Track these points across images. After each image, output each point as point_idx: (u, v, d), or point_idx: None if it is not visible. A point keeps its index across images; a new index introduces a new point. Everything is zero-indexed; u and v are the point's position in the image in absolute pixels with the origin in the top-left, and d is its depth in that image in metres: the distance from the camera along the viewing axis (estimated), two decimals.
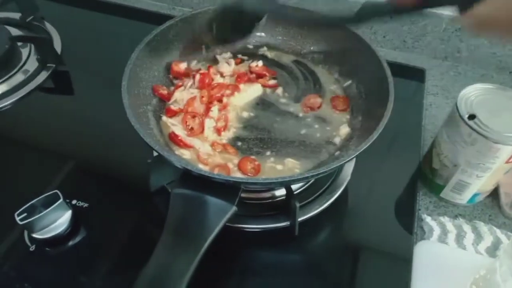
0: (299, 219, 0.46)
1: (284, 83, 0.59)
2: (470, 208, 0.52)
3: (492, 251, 0.47)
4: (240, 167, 0.48)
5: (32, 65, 0.69)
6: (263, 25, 0.62)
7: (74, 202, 0.50)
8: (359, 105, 0.54)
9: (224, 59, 0.61)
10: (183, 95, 0.55)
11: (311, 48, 0.61)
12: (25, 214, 0.44)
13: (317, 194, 0.50)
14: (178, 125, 0.52)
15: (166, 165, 0.47)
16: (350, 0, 0.73)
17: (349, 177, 0.52)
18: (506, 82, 0.69)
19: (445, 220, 0.50)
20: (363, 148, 0.41)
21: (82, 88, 0.69)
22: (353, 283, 0.45)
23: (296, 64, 0.61)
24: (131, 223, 0.50)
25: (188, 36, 0.57)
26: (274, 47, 0.63)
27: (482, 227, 0.49)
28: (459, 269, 0.45)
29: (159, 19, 0.59)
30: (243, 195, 0.44)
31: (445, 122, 0.49)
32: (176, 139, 0.50)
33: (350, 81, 0.57)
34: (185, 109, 0.53)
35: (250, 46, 0.63)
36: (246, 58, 0.62)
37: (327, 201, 0.50)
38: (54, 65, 0.69)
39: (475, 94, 0.47)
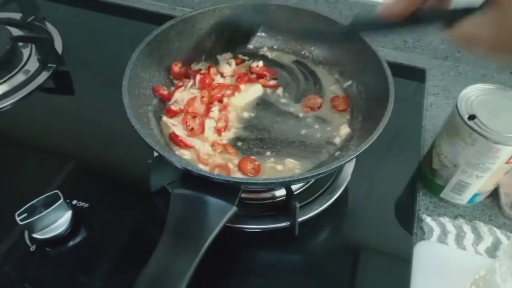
0: (299, 219, 0.46)
1: (284, 83, 0.59)
2: (470, 208, 0.52)
3: (492, 251, 0.47)
4: (240, 167, 0.48)
5: (33, 65, 0.69)
6: (260, 34, 0.62)
7: (74, 202, 0.50)
8: (360, 105, 0.54)
9: (224, 59, 0.61)
10: (183, 95, 0.55)
11: (312, 48, 0.61)
12: (25, 214, 0.44)
13: (317, 194, 0.50)
14: (178, 125, 0.52)
15: (166, 166, 0.47)
16: (350, 0, 0.73)
17: (349, 177, 0.52)
18: (506, 82, 0.69)
19: (445, 220, 0.50)
20: (363, 149, 0.41)
21: (83, 88, 0.69)
22: (353, 283, 0.45)
23: (297, 64, 0.61)
24: (132, 223, 0.50)
25: (189, 43, 0.58)
26: (275, 47, 0.63)
27: (482, 227, 0.49)
28: (459, 269, 0.45)
29: (159, 19, 0.59)
30: (243, 195, 0.44)
31: (445, 122, 0.49)
32: (176, 140, 0.50)
33: (350, 82, 0.57)
34: (185, 110, 0.53)
35: (251, 47, 0.63)
36: (246, 58, 0.62)
37: (327, 201, 0.50)
38: (55, 65, 0.69)
39: (475, 94, 0.47)
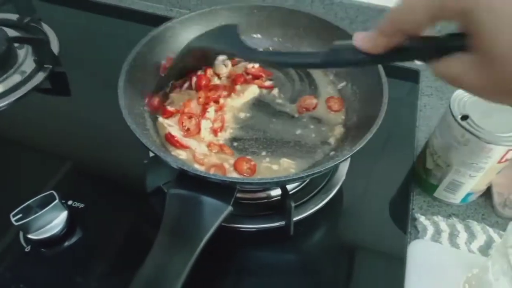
0: (294, 219, 0.47)
1: (280, 84, 0.59)
2: (463, 207, 0.53)
3: (485, 250, 0.47)
4: (236, 167, 0.48)
5: (29, 66, 0.69)
6: (256, 36, 0.63)
7: (70, 202, 0.50)
8: (354, 106, 0.54)
9: (220, 60, 0.61)
10: (179, 96, 0.55)
11: (307, 49, 0.62)
12: (20, 215, 0.44)
13: (312, 194, 0.51)
14: (174, 126, 0.52)
15: (162, 166, 0.47)
16: (345, 2, 0.73)
17: (344, 177, 0.52)
18: None
19: (438, 219, 0.50)
20: (358, 149, 0.42)
21: (79, 89, 0.69)
22: (348, 282, 0.45)
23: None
24: (127, 223, 0.50)
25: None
26: (270, 48, 0.63)
27: (475, 226, 0.50)
28: (452, 268, 0.45)
29: (156, 20, 0.60)
30: (238, 195, 0.44)
31: (439, 122, 0.50)
32: (172, 140, 0.50)
33: (345, 82, 0.57)
34: (181, 110, 0.53)
35: None
36: (242, 59, 0.62)
37: (322, 201, 0.50)
38: (51, 66, 0.69)
39: (468, 95, 0.47)
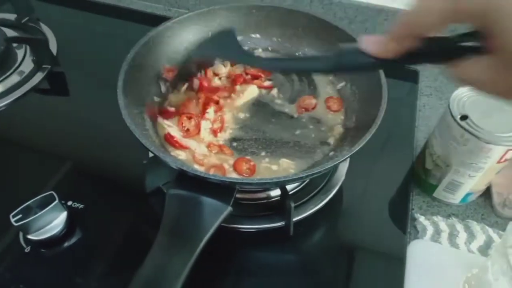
0: (294, 219, 0.47)
1: (279, 84, 0.59)
2: (463, 207, 0.53)
3: (484, 250, 0.48)
4: (235, 167, 0.48)
5: (28, 66, 0.69)
6: (254, 36, 0.63)
7: (69, 203, 0.50)
8: (353, 106, 0.54)
9: (219, 60, 0.61)
10: (178, 97, 0.55)
11: (306, 49, 0.62)
12: (20, 216, 0.44)
13: (312, 194, 0.51)
14: (173, 126, 0.52)
15: (161, 166, 0.47)
16: (344, 2, 0.73)
17: (343, 178, 0.52)
18: None
19: (438, 219, 0.50)
20: (357, 149, 0.42)
21: (78, 89, 0.69)
22: (348, 282, 0.45)
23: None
24: (127, 224, 0.50)
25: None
26: (269, 48, 0.63)
27: (474, 226, 0.50)
28: (452, 268, 0.45)
29: (154, 20, 0.60)
30: (238, 195, 0.44)
31: (438, 122, 0.50)
32: (171, 140, 0.50)
33: (344, 82, 0.57)
34: (181, 111, 0.53)
35: (246, 48, 0.63)
36: None
37: (321, 201, 0.50)
38: (49, 66, 0.69)
39: (467, 95, 0.47)
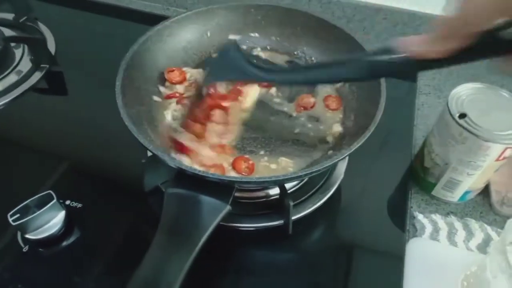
0: (293, 218, 0.47)
1: None
2: (462, 205, 0.53)
3: (483, 247, 0.48)
4: (234, 166, 0.48)
5: (26, 65, 0.69)
6: (253, 35, 0.62)
7: (67, 202, 0.50)
8: (352, 104, 0.54)
9: None
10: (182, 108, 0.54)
11: (305, 48, 0.62)
12: (18, 215, 0.44)
13: (311, 192, 0.51)
14: (179, 130, 0.50)
15: (160, 165, 0.47)
16: (343, 1, 0.73)
17: (342, 176, 0.52)
18: (496, 82, 0.69)
19: (436, 217, 0.50)
20: (356, 147, 0.42)
21: (76, 89, 0.68)
22: (347, 280, 0.45)
23: (290, 64, 0.62)
24: (125, 223, 0.50)
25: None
26: (268, 47, 0.63)
27: (473, 224, 0.50)
28: (450, 265, 0.45)
29: (153, 19, 0.59)
30: (237, 194, 0.44)
31: (437, 121, 0.50)
32: (179, 147, 0.48)
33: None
34: (187, 115, 0.52)
35: (244, 47, 0.63)
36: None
37: (320, 199, 0.50)
38: (47, 66, 0.69)
39: (466, 93, 0.47)
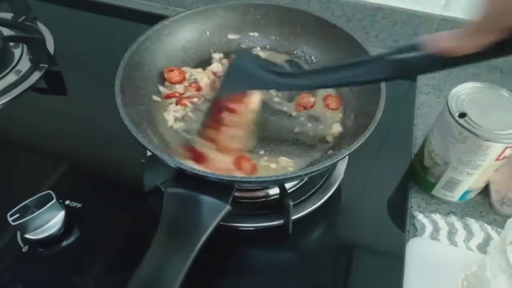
0: (293, 218, 0.47)
1: None
2: (462, 205, 0.53)
3: (483, 247, 0.48)
4: (238, 166, 0.48)
5: (25, 65, 0.69)
6: (252, 34, 0.62)
7: (67, 202, 0.50)
8: (352, 104, 0.54)
9: (216, 59, 0.61)
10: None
11: (304, 48, 0.62)
12: (17, 215, 0.44)
13: (311, 192, 0.51)
14: (195, 140, 0.49)
15: (159, 165, 0.47)
16: (342, 1, 0.73)
17: (342, 176, 0.52)
18: (496, 81, 0.70)
19: (437, 217, 0.50)
20: (356, 147, 0.42)
21: (75, 89, 0.68)
22: (347, 280, 0.45)
23: (289, 64, 0.61)
24: (125, 223, 0.50)
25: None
26: (267, 47, 0.63)
27: (473, 224, 0.50)
28: (450, 265, 0.45)
29: (152, 19, 0.59)
30: (236, 194, 0.44)
31: (436, 120, 0.50)
32: (196, 156, 0.47)
33: None
34: (202, 124, 0.50)
35: (244, 46, 0.63)
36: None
37: (320, 199, 0.50)
38: (46, 66, 0.69)
39: (466, 92, 0.47)
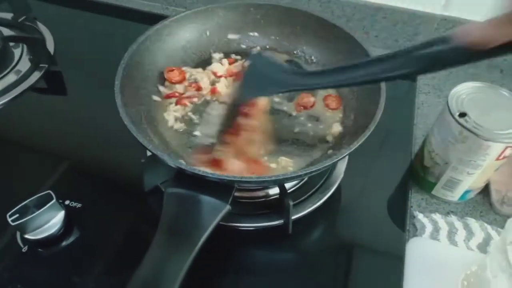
0: (293, 218, 0.47)
1: None
2: (462, 205, 0.53)
3: (483, 247, 0.47)
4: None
5: (25, 65, 0.68)
6: (252, 34, 0.62)
7: (67, 202, 0.50)
8: (352, 104, 0.54)
9: (216, 59, 0.61)
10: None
11: (304, 48, 0.62)
12: (17, 215, 0.44)
13: (311, 192, 0.51)
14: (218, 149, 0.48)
15: (159, 165, 0.47)
16: (342, 1, 0.73)
17: (342, 175, 0.52)
18: (496, 81, 0.70)
19: (437, 217, 0.50)
20: (355, 147, 0.41)
21: (75, 89, 0.68)
22: (347, 280, 0.45)
23: (289, 64, 0.61)
24: (125, 223, 0.50)
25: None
26: (267, 46, 0.63)
27: (473, 223, 0.50)
28: (450, 265, 0.45)
29: (152, 19, 0.59)
30: (236, 194, 0.44)
31: (436, 120, 0.50)
32: (217, 165, 0.46)
33: None
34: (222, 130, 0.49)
35: (244, 46, 0.63)
36: (239, 58, 0.62)
37: (320, 199, 0.50)
38: (46, 65, 0.69)
39: (466, 92, 0.47)
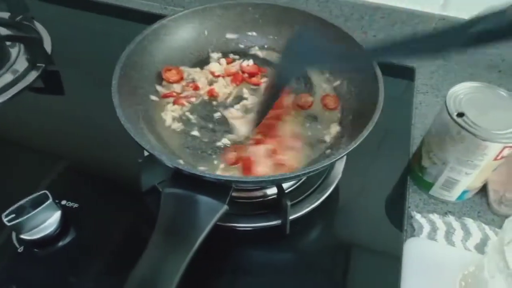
0: (290, 218, 0.46)
1: None
2: (459, 205, 0.53)
3: (481, 247, 0.47)
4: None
5: (22, 65, 0.68)
6: (251, 33, 0.62)
7: (63, 202, 0.49)
8: (350, 104, 0.54)
9: (214, 59, 0.61)
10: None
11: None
12: (13, 215, 0.43)
13: (308, 192, 0.50)
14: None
15: (157, 165, 0.47)
16: (340, 0, 0.73)
17: (340, 175, 0.52)
18: (494, 81, 0.70)
19: (434, 217, 0.50)
20: (353, 147, 0.41)
21: (73, 88, 0.68)
22: (344, 280, 0.45)
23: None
24: (122, 223, 0.50)
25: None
26: (265, 46, 0.63)
27: (471, 223, 0.50)
28: (448, 265, 0.45)
29: (150, 18, 0.59)
30: (234, 194, 0.44)
31: (434, 120, 0.50)
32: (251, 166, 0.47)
33: (340, 80, 0.57)
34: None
35: (242, 46, 0.63)
36: (237, 57, 0.62)
37: (318, 199, 0.50)
38: (44, 65, 0.68)
39: (464, 92, 0.47)
